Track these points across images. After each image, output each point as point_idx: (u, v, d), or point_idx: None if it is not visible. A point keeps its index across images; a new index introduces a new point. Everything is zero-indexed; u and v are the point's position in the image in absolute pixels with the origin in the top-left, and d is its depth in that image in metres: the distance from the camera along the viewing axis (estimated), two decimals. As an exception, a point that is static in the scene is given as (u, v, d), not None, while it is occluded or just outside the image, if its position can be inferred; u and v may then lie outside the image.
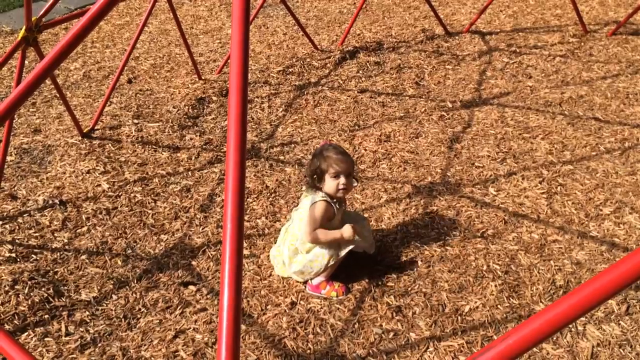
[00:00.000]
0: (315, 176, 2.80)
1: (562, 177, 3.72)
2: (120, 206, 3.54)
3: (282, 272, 2.98)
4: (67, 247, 3.22)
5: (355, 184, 2.90)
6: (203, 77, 5.21)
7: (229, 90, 1.42)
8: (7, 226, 3.35)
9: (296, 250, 2.90)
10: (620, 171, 3.77)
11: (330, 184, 2.76)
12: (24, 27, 3.43)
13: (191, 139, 4.27)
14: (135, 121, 4.47)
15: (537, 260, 3.05)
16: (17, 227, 3.35)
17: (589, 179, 3.70)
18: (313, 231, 2.77)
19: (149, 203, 3.57)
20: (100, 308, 2.83)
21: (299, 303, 2.83)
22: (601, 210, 3.43)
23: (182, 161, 4.01)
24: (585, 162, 3.88)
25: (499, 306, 2.78)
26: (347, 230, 2.77)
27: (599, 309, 2.75)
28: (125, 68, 5.19)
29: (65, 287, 2.94)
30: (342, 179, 2.75)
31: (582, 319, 2.69)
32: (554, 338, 2.60)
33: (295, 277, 2.93)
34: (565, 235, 3.23)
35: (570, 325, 2.64)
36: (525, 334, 0.95)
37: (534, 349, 2.54)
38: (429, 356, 2.53)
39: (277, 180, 3.76)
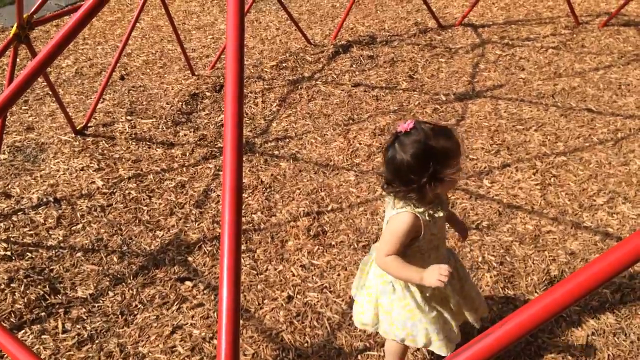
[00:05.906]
0: (423, 181, 1.86)
1: (556, 168, 3.75)
2: (115, 203, 3.53)
3: (356, 285, 2.35)
4: (62, 244, 3.21)
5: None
6: (196, 73, 5.19)
7: (225, 85, 1.42)
8: (1, 224, 3.34)
9: (367, 268, 2.25)
10: (613, 161, 3.80)
11: (447, 185, 1.96)
12: (15, 25, 3.41)
13: (185, 135, 4.26)
14: (129, 118, 4.45)
15: (531, 251, 3.08)
16: (11, 225, 3.34)
17: (582, 170, 3.72)
18: (387, 255, 1.97)
19: (143, 199, 3.57)
20: (96, 305, 2.83)
21: (296, 297, 2.84)
22: (595, 200, 3.46)
23: (176, 157, 4.00)
24: (579, 153, 3.91)
25: (494, 297, 2.80)
26: (430, 276, 1.85)
27: (593, 298, 2.77)
28: (118, 65, 5.17)
29: (61, 285, 2.94)
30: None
31: (577, 308, 2.72)
32: (549, 327, 2.63)
33: (355, 308, 2.31)
34: (559, 226, 3.26)
35: (565, 315, 2.67)
36: (522, 320, 0.97)
37: (529, 339, 2.56)
38: (425, 347, 2.55)
39: (272, 175, 3.77)
